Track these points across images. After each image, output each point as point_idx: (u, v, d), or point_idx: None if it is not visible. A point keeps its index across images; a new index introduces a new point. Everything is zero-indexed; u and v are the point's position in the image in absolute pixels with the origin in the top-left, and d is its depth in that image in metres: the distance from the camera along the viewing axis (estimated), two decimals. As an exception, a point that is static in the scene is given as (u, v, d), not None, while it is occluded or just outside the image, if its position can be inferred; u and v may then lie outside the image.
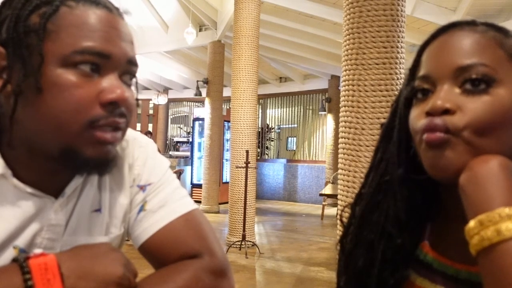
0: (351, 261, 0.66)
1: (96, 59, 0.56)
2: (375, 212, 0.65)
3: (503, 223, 0.46)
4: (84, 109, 0.55)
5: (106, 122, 0.56)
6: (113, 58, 0.58)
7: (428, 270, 0.61)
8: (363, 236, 0.65)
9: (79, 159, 0.57)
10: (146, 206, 0.70)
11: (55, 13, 0.56)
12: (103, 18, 0.58)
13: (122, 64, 0.59)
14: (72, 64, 0.55)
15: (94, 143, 0.56)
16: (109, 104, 0.56)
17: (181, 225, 0.68)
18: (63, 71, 0.55)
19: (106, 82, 0.57)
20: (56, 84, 0.54)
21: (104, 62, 0.57)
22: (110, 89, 0.57)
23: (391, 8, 2.29)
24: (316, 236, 6.37)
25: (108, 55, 0.57)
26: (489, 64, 0.55)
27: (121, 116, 0.58)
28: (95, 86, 0.56)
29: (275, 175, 10.72)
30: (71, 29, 0.56)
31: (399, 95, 0.67)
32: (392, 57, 2.29)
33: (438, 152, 0.55)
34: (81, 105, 0.55)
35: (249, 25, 5.40)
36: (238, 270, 4.42)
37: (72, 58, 0.55)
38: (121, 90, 0.57)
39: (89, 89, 0.55)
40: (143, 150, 0.74)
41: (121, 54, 0.59)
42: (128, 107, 0.59)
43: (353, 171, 2.34)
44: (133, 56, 0.61)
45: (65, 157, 0.57)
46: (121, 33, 0.60)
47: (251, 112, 5.47)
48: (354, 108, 2.34)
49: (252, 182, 5.38)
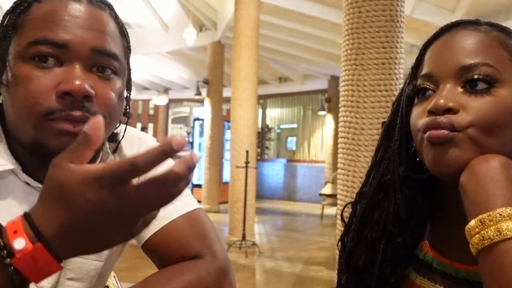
0: (352, 259, 0.66)
1: (51, 50, 0.54)
2: (376, 210, 0.65)
3: (504, 222, 0.46)
4: (38, 101, 0.54)
5: (60, 115, 0.54)
6: (71, 48, 0.55)
7: (428, 269, 0.61)
8: (364, 234, 0.66)
9: (45, 151, 0.55)
10: None
11: (27, 9, 0.57)
12: (66, 8, 0.57)
13: (85, 54, 0.56)
14: (29, 57, 0.54)
15: (56, 134, 0.55)
16: (66, 95, 0.54)
17: (184, 223, 0.68)
18: (21, 64, 0.55)
19: (64, 73, 0.55)
20: (15, 76, 0.55)
21: (62, 53, 0.55)
22: (65, 80, 0.54)
23: (390, 9, 2.31)
24: (315, 235, 6.38)
25: (63, 45, 0.55)
26: (492, 64, 0.55)
27: (80, 110, 0.55)
28: (52, 77, 0.54)
29: (275, 175, 10.73)
30: (33, 22, 0.56)
31: (400, 94, 0.67)
32: (391, 57, 2.31)
33: (442, 149, 0.54)
34: (35, 96, 0.53)
35: (249, 25, 5.41)
36: (238, 269, 4.43)
37: (28, 50, 0.54)
38: (79, 81, 0.54)
39: (44, 80, 0.54)
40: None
41: (80, 42, 0.55)
42: (99, 102, 0.56)
43: (352, 171, 2.35)
44: (100, 45, 0.57)
45: (35, 150, 0.56)
46: (82, 21, 0.56)
47: (251, 112, 5.47)
48: (354, 108, 2.36)
49: (252, 182, 5.38)
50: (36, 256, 0.38)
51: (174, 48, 8.76)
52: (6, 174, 0.59)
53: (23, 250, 0.38)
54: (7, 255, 0.38)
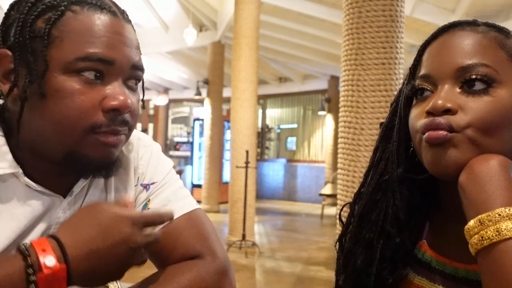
0: (350, 260, 0.66)
1: (99, 66, 0.56)
2: (374, 211, 0.65)
3: (503, 222, 0.46)
4: (86, 116, 0.56)
5: (107, 129, 0.57)
6: (117, 64, 0.57)
7: (426, 269, 0.61)
8: (362, 235, 0.66)
9: (82, 162, 0.58)
10: (150, 204, 0.71)
11: (60, 18, 0.56)
12: (107, 24, 0.58)
13: (126, 70, 0.59)
14: (75, 71, 0.55)
15: (97, 145, 0.58)
16: (112, 111, 0.57)
17: (184, 224, 0.68)
18: (66, 77, 0.55)
19: (110, 89, 0.57)
20: (59, 90, 0.55)
21: (107, 69, 0.57)
22: (113, 96, 0.57)
23: (390, 9, 2.31)
24: (315, 235, 6.38)
25: (111, 61, 0.57)
26: (490, 65, 0.55)
27: (123, 124, 0.59)
28: (98, 92, 0.56)
29: (275, 175, 10.73)
30: (75, 35, 0.56)
31: (398, 94, 0.67)
32: (391, 58, 2.31)
33: (440, 150, 0.54)
34: (83, 112, 0.55)
35: (249, 25, 5.41)
36: (238, 269, 4.43)
37: (75, 65, 0.55)
38: (124, 97, 0.57)
39: (92, 96, 0.56)
40: (147, 150, 0.75)
41: (125, 60, 0.59)
42: (132, 113, 0.60)
43: (352, 171, 2.35)
44: (137, 61, 0.61)
45: (69, 161, 0.58)
46: (125, 39, 0.59)
47: (251, 112, 5.47)
48: (354, 108, 2.36)
49: (252, 182, 5.38)
50: (58, 275, 0.43)
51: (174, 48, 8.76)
52: (7, 177, 0.59)
53: (52, 268, 0.42)
54: (34, 272, 0.42)
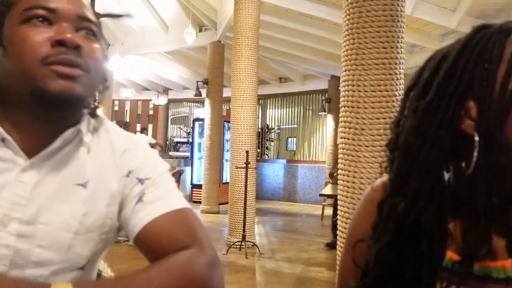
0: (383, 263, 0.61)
1: (43, 13, 0.68)
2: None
3: None
4: (36, 50, 0.65)
5: (56, 58, 0.66)
6: (59, 13, 0.68)
7: (459, 276, 0.57)
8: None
9: (46, 95, 0.65)
10: (144, 197, 0.74)
11: None
12: None
13: (72, 18, 0.69)
14: (25, 20, 0.67)
15: (55, 77, 0.65)
16: (57, 44, 0.66)
17: (175, 218, 0.72)
18: (20, 26, 0.67)
19: (56, 29, 0.68)
20: (16, 37, 0.67)
21: (52, 16, 0.68)
22: (58, 32, 0.67)
23: (390, 9, 2.29)
24: (316, 236, 6.37)
25: (52, 9, 0.68)
26: None
27: (73, 54, 0.67)
28: (46, 32, 0.67)
29: (275, 175, 10.72)
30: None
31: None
32: (391, 58, 2.29)
33: None
34: (34, 47, 0.65)
35: (249, 25, 5.40)
36: (238, 270, 4.42)
37: (24, 14, 0.67)
38: (70, 33, 0.67)
39: (40, 34, 0.67)
40: (147, 150, 0.80)
41: (66, 9, 0.69)
42: (89, 56, 0.69)
43: (353, 171, 2.34)
44: (82, 12, 0.71)
45: (35, 98, 0.66)
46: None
47: (251, 113, 5.46)
48: (354, 108, 2.34)
49: (252, 183, 5.37)
50: None
51: (174, 48, 8.76)
52: None
53: None
54: None
